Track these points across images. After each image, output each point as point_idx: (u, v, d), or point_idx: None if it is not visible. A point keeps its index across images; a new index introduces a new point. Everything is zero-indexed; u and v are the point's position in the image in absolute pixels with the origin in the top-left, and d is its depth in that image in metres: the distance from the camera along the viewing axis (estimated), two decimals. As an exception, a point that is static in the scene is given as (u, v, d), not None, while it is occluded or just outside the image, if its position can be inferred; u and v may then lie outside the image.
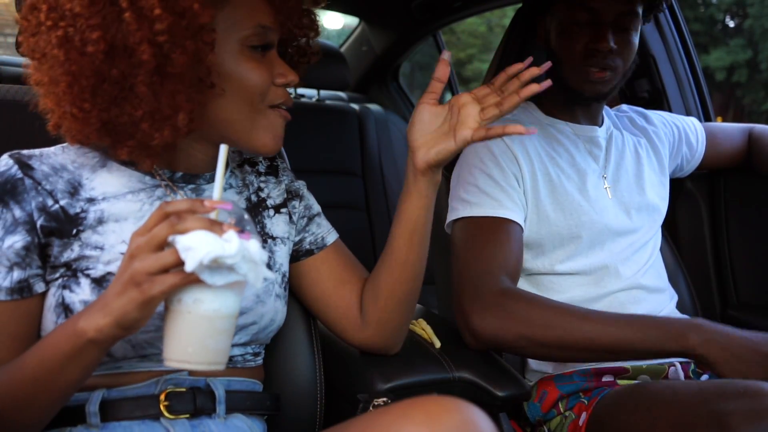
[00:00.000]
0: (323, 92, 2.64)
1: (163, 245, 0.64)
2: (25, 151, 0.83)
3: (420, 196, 0.92)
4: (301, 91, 2.61)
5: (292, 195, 1.00)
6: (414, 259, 0.95)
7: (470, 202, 1.19)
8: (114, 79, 0.74)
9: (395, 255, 0.95)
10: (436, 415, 0.65)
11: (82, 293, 0.78)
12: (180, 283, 0.63)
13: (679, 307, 1.35)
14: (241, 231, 0.64)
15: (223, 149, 0.69)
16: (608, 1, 1.18)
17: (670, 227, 1.57)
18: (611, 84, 1.24)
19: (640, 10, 1.22)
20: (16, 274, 0.77)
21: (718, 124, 1.59)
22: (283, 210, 0.99)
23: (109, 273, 0.79)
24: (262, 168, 1.01)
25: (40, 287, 0.79)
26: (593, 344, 1.04)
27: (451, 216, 1.22)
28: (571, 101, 1.30)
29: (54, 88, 0.77)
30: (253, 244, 0.64)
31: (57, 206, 0.80)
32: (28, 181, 0.79)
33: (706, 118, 1.74)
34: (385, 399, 0.92)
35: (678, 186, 1.56)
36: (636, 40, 1.24)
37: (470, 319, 1.08)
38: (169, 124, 0.77)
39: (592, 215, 1.24)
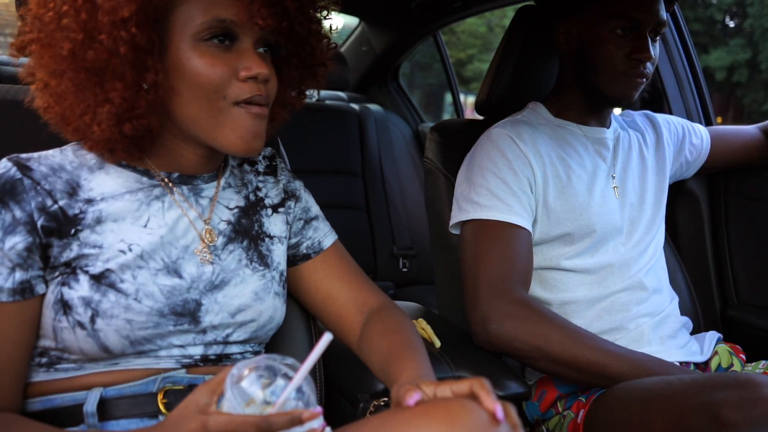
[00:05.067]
0: (323, 92, 2.63)
1: None
2: (23, 155, 0.83)
3: None
4: (301, 91, 2.60)
5: (289, 195, 1.00)
6: None
7: (481, 205, 1.19)
8: (56, 75, 0.78)
9: None
10: (457, 414, 0.65)
11: (81, 290, 0.78)
12: None
13: (679, 307, 1.35)
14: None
15: (325, 339, 0.66)
16: (650, 12, 1.20)
17: (670, 227, 1.57)
18: (642, 90, 1.26)
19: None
20: (18, 275, 0.77)
21: (722, 126, 1.59)
22: (281, 210, 0.99)
23: (107, 270, 0.80)
24: (261, 168, 1.01)
25: (41, 288, 0.79)
26: (604, 372, 1.07)
27: (460, 217, 1.22)
28: (598, 105, 1.30)
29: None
30: None
31: (56, 206, 0.80)
32: (27, 182, 0.79)
33: (706, 118, 1.74)
34: (385, 399, 0.91)
35: (678, 186, 1.56)
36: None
37: (488, 322, 1.09)
38: (104, 117, 0.78)
39: (601, 215, 1.24)
